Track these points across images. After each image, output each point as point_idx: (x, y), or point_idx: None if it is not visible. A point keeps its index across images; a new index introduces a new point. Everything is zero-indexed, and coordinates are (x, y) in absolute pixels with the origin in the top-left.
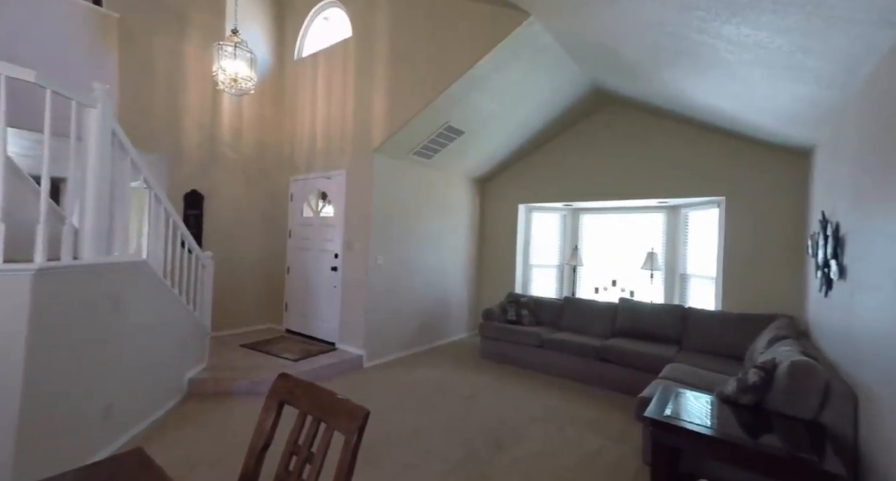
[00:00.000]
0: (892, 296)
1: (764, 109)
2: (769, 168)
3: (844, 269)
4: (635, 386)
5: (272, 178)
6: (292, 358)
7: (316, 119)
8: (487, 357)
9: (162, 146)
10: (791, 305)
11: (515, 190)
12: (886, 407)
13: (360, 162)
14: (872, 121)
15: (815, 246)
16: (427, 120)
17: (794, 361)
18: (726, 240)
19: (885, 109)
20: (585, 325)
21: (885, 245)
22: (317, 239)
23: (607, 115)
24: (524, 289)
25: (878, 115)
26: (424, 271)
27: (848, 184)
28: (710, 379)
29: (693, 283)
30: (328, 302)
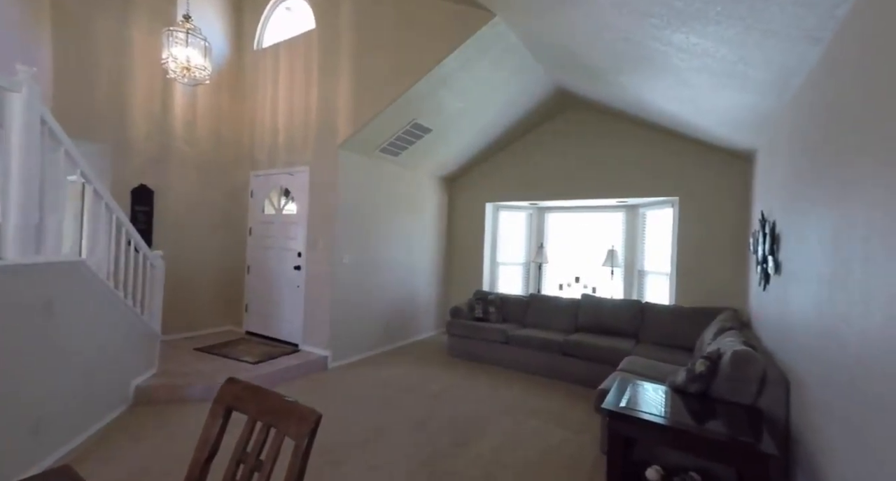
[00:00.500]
0: (818, 290)
1: (712, 114)
2: (718, 170)
3: (780, 265)
4: (596, 379)
5: (230, 174)
6: (251, 360)
7: (277, 113)
8: (455, 354)
9: (105, 136)
10: (735, 299)
11: (483, 188)
12: (811, 390)
13: (325, 158)
14: (801, 129)
15: (755, 243)
16: (393, 116)
17: (735, 351)
18: (679, 238)
19: (812, 120)
20: (550, 321)
21: (812, 243)
22: (279, 237)
23: (571, 117)
24: (491, 287)
25: (806, 124)
26: (392, 270)
27: (782, 187)
28: (665, 369)
29: (650, 279)
30: (291, 302)
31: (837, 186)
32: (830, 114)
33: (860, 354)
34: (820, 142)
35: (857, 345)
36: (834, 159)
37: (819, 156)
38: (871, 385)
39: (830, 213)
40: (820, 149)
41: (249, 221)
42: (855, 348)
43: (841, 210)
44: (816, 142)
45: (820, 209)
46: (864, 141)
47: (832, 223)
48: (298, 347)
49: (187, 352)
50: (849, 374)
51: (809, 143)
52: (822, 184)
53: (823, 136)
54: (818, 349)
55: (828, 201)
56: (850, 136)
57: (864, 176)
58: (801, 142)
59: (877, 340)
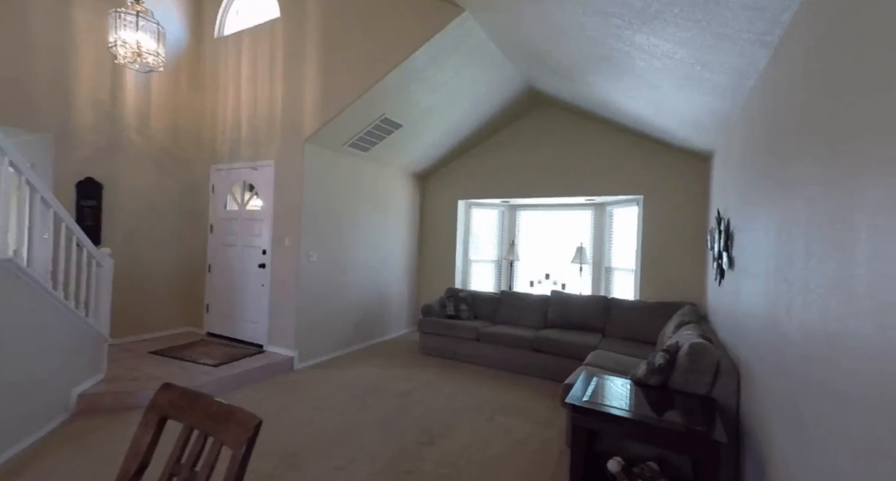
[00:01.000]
0: (765, 284)
1: (673, 115)
2: (679, 170)
3: (733, 260)
4: (565, 374)
5: (189, 167)
6: (211, 363)
7: (240, 104)
8: (427, 352)
9: (45, 125)
10: (695, 293)
11: (455, 186)
12: (758, 379)
13: (290, 152)
14: (751, 131)
15: (712, 240)
16: (362, 110)
17: (692, 343)
18: (643, 235)
19: (760, 122)
20: (520, 318)
21: (761, 239)
22: (242, 234)
23: (542, 116)
24: (464, 284)
25: (755, 126)
26: (362, 267)
27: (735, 186)
28: (628, 363)
29: (617, 275)
30: (255, 301)
31: (781, 186)
32: (776, 117)
33: (800, 344)
34: (767, 144)
35: (797, 335)
36: (778, 160)
37: (766, 158)
38: (811, 373)
39: (775, 211)
40: (767, 151)
41: (210, 218)
42: (795, 338)
43: (784, 208)
44: (764, 143)
45: (767, 207)
46: (805, 143)
47: (777, 220)
48: (263, 348)
49: (141, 356)
50: (790, 364)
51: (758, 145)
52: (768, 183)
53: (770, 138)
54: (764, 340)
55: (773, 200)
56: (793, 139)
57: (805, 176)
58: (751, 143)
59: (815, 332)
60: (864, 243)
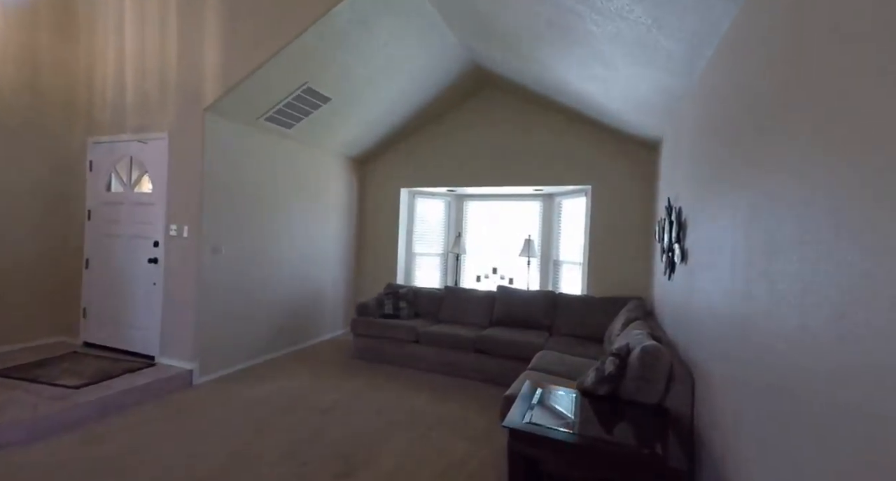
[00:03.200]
0: (729, 278)
1: (623, 97)
2: (627, 159)
3: (686, 253)
4: (509, 377)
5: (58, 139)
6: (74, 383)
7: (125, 62)
8: (361, 357)
9: None
10: (641, 288)
11: (397, 173)
12: (716, 382)
13: (188, 123)
14: (708, 109)
15: (661, 231)
16: (279, 77)
17: (644, 347)
18: (591, 226)
19: (718, 98)
20: (465, 316)
21: (722, 229)
22: (129, 222)
23: (489, 98)
24: (407, 280)
25: (713, 103)
26: (286, 263)
27: (688, 172)
28: (575, 364)
29: (565, 269)
30: (145, 304)
31: (747, 169)
32: (737, 90)
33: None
34: (726, 123)
35: (780, 343)
36: (740, 141)
37: (731, 134)
38: (785, 381)
39: (747, 194)
40: (731, 126)
41: (88, 202)
42: (778, 346)
43: (761, 189)
44: (723, 122)
45: (733, 191)
46: (771, 120)
47: (748, 205)
48: (154, 360)
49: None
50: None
51: (720, 121)
52: (730, 167)
53: (729, 116)
54: (725, 341)
55: (742, 182)
56: (757, 116)
57: (774, 155)
58: (709, 121)
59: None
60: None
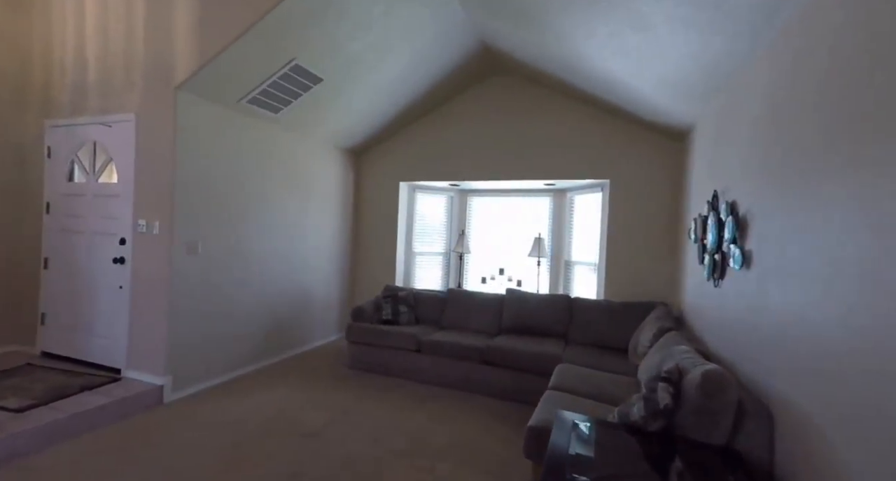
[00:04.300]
0: (841, 290)
1: (657, 75)
2: (650, 151)
3: (749, 255)
4: (523, 392)
5: (10, 122)
6: (18, 405)
7: (85, 35)
8: (356, 366)
9: None
10: (666, 292)
11: (396, 165)
12: (821, 428)
13: (157, 104)
14: (790, 81)
15: (698, 230)
16: (262, 51)
17: (706, 372)
18: (609, 225)
19: (811, 65)
20: (470, 322)
21: (820, 229)
22: (92, 216)
23: (496, 84)
24: (407, 281)
25: (801, 72)
26: (274, 262)
27: (751, 160)
28: (603, 383)
29: (578, 271)
30: (110, 309)
31: (863, 155)
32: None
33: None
34: (843, 88)
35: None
36: (850, 119)
37: (840, 111)
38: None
39: (851, 191)
40: (826, 108)
41: (46, 193)
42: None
43: (869, 186)
44: (821, 97)
45: (832, 186)
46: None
47: (856, 203)
48: (121, 374)
49: None
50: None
51: (819, 92)
52: (834, 153)
53: (848, 77)
54: (839, 376)
55: (845, 176)
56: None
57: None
58: (799, 92)
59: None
60: None
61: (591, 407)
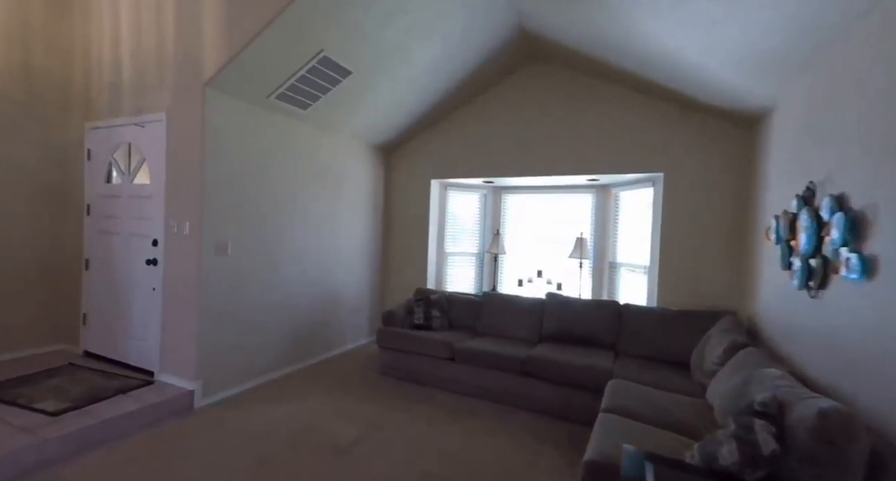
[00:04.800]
0: None
1: (733, 48)
2: (713, 140)
3: (874, 261)
4: (569, 408)
5: (54, 125)
6: (55, 408)
7: (120, 36)
8: (388, 373)
9: None
10: (731, 300)
11: (428, 162)
12: None
13: (187, 101)
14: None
15: (784, 229)
16: (289, 43)
17: (823, 411)
18: (663, 224)
19: None
20: (508, 328)
21: None
22: (126, 217)
23: (535, 72)
24: (438, 284)
25: None
26: (303, 263)
27: (869, 140)
28: (667, 405)
29: (624, 274)
30: (144, 312)
31: None
32: None
33: None
34: None
35: None
36: None
37: None
38: None
39: None
40: None
41: (87, 195)
42: None
43: None
44: None
45: None
46: None
47: None
48: (153, 377)
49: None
50: None
51: None
52: None
53: None
54: None
55: None
56: None
57: None
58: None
59: None
60: None
61: (656, 437)
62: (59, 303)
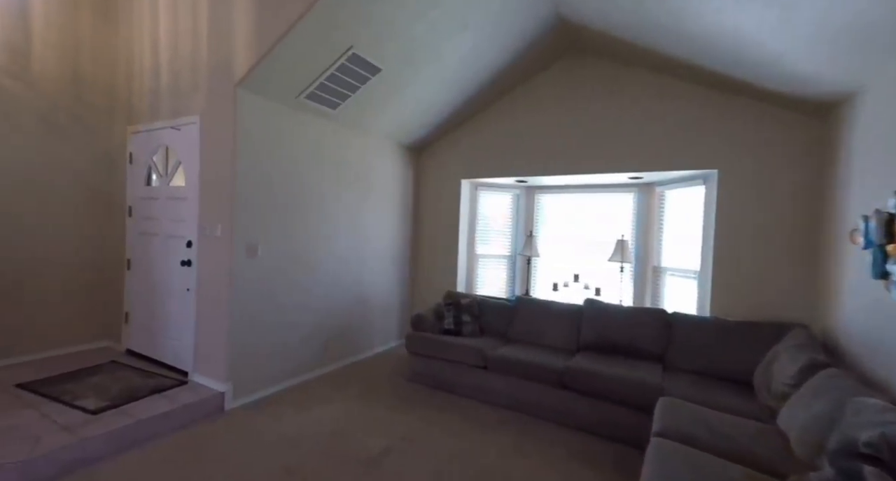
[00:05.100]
0: None
1: (813, 23)
2: (778, 132)
3: None
4: (612, 426)
5: (101, 131)
6: (95, 406)
7: (159, 41)
8: (417, 380)
9: None
10: (800, 311)
11: (458, 161)
12: None
13: (219, 103)
14: None
15: (877, 232)
16: (318, 40)
17: None
18: (717, 225)
19: None
20: (542, 336)
21: None
22: (163, 219)
23: (573, 64)
24: (468, 287)
25: None
26: (331, 265)
27: None
28: (728, 431)
29: (669, 279)
30: (180, 311)
31: None
32: None
33: None
34: None
35: None
36: None
37: None
38: None
39: None
40: None
41: (129, 197)
42: None
43: None
44: None
45: None
46: None
47: None
48: (188, 377)
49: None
50: None
51: None
52: None
53: None
54: None
55: None
56: None
57: None
58: None
59: None
60: None
61: (721, 470)
62: (105, 301)
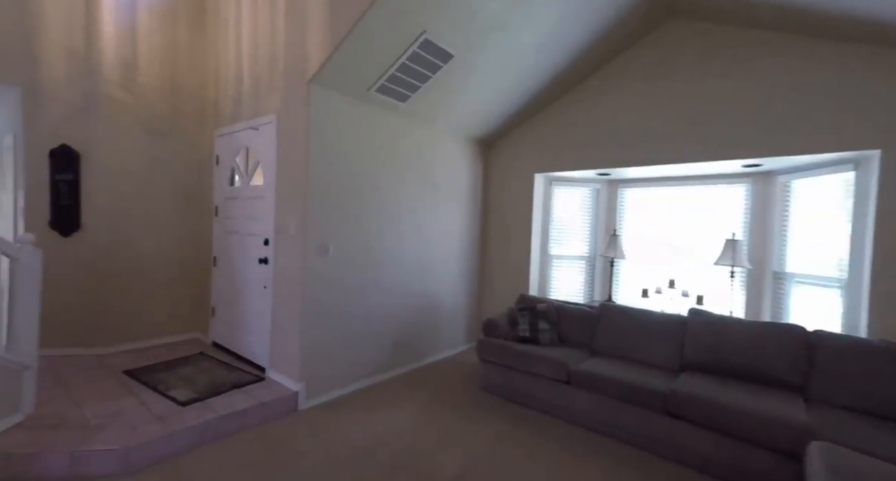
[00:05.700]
0: None
1: None
2: None
3: None
4: (737, 469)
5: (193, 135)
6: (184, 397)
7: (242, 47)
8: (490, 390)
9: (9, 74)
10: None
11: (532, 154)
12: None
13: (294, 100)
14: None
15: None
16: (389, 26)
17: None
18: (878, 221)
19: None
20: (635, 350)
21: None
22: (244, 218)
23: (668, 35)
24: (542, 291)
25: None
26: (402, 264)
27: None
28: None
29: (796, 288)
30: (257, 308)
31: None
32: None
33: None
34: None
35: None
36: None
37: None
38: None
39: None
40: None
41: (215, 197)
42: None
43: None
44: None
45: None
46: None
47: None
48: (265, 374)
49: (107, 377)
50: None
51: None
52: None
53: None
54: None
55: None
56: None
57: None
58: None
59: None
60: None
61: None
62: (196, 295)
